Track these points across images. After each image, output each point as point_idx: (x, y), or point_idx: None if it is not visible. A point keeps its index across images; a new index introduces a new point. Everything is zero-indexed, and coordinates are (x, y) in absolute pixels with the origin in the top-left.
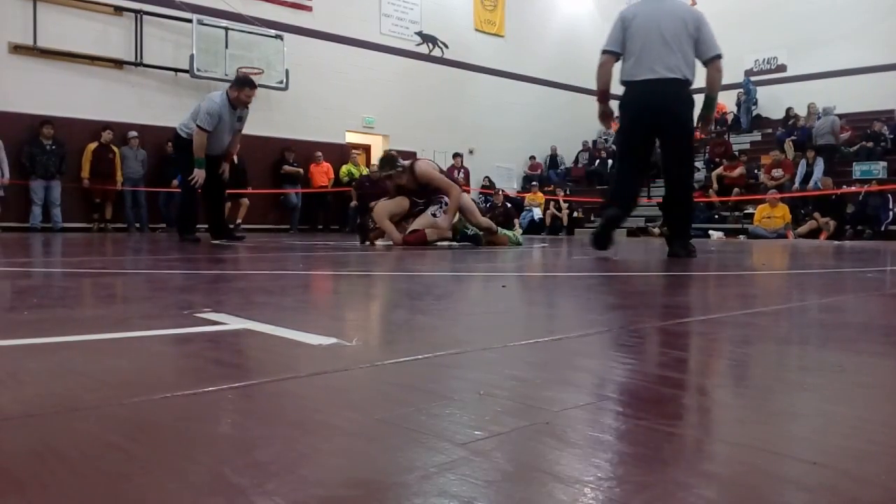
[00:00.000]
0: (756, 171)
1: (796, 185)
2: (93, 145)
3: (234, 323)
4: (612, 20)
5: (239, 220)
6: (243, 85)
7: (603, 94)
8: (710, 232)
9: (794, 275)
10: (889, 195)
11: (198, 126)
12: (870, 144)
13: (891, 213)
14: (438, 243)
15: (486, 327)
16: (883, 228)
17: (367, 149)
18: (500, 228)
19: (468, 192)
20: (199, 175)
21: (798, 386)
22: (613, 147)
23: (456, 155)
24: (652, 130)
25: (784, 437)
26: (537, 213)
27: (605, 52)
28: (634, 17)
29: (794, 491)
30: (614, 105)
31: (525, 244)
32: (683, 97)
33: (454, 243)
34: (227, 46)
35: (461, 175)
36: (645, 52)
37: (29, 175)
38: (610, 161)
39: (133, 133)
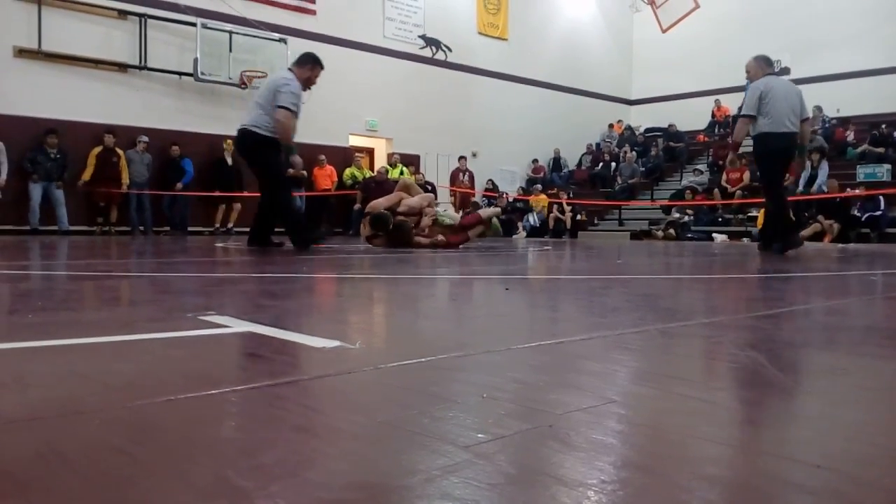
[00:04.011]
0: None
1: (800, 188)
2: (97, 149)
3: (237, 326)
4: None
5: (230, 224)
6: (316, 63)
7: None
8: (714, 235)
9: (797, 278)
10: (881, 198)
11: (288, 109)
12: (881, 150)
13: (880, 216)
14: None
15: (489, 330)
16: (879, 232)
17: (370, 152)
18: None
19: (472, 194)
20: (298, 162)
21: (801, 389)
22: (616, 150)
23: (461, 157)
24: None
25: (787, 439)
26: (533, 218)
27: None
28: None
29: (798, 494)
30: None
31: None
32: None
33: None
34: (230, 50)
35: (465, 178)
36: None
37: (28, 178)
38: (613, 164)
39: (144, 138)
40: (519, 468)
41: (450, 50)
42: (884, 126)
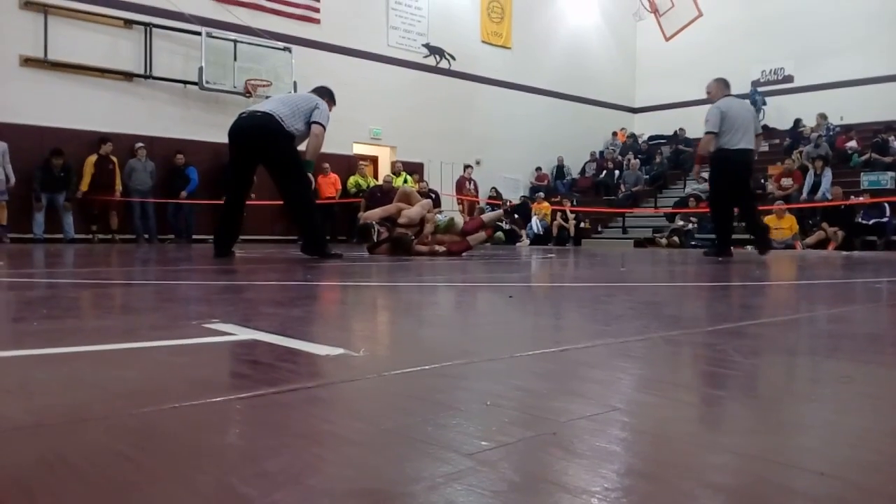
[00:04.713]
0: (763, 181)
1: (804, 195)
2: (93, 157)
3: (242, 333)
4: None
5: None
6: (332, 100)
7: None
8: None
9: (801, 285)
10: (886, 205)
11: (323, 126)
12: (888, 159)
13: (886, 222)
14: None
15: (492, 338)
16: (886, 239)
17: (374, 160)
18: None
19: (477, 201)
20: (311, 182)
21: (806, 396)
22: (620, 157)
23: (467, 166)
24: None
25: (791, 447)
26: (537, 225)
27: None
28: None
29: (801, 502)
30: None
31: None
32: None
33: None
34: (235, 59)
35: (472, 186)
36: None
37: (32, 193)
38: (617, 172)
39: (140, 144)
40: (522, 476)
41: (453, 58)
42: (882, 135)
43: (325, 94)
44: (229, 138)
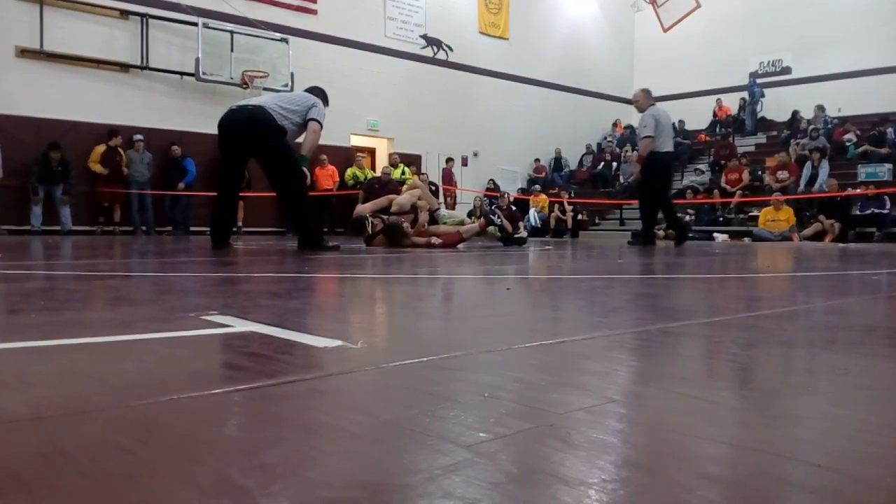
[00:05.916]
0: (760, 173)
1: (801, 187)
2: (101, 148)
3: (239, 325)
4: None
5: (240, 223)
6: (327, 101)
7: None
8: (715, 234)
9: (798, 277)
10: (886, 197)
11: (320, 123)
12: (884, 150)
13: (886, 214)
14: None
15: (490, 330)
16: (885, 231)
17: (371, 152)
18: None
19: (452, 190)
20: (305, 173)
21: (802, 388)
22: (618, 149)
23: (448, 160)
24: None
25: (788, 439)
26: (534, 217)
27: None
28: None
29: (798, 493)
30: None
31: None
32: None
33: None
34: (232, 50)
35: (455, 179)
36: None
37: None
38: (615, 164)
39: (139, 136)
40: (520, 467)
41: (451, 49)
42: (879, 128)
43: (320, 94)
44: (219, 131)
